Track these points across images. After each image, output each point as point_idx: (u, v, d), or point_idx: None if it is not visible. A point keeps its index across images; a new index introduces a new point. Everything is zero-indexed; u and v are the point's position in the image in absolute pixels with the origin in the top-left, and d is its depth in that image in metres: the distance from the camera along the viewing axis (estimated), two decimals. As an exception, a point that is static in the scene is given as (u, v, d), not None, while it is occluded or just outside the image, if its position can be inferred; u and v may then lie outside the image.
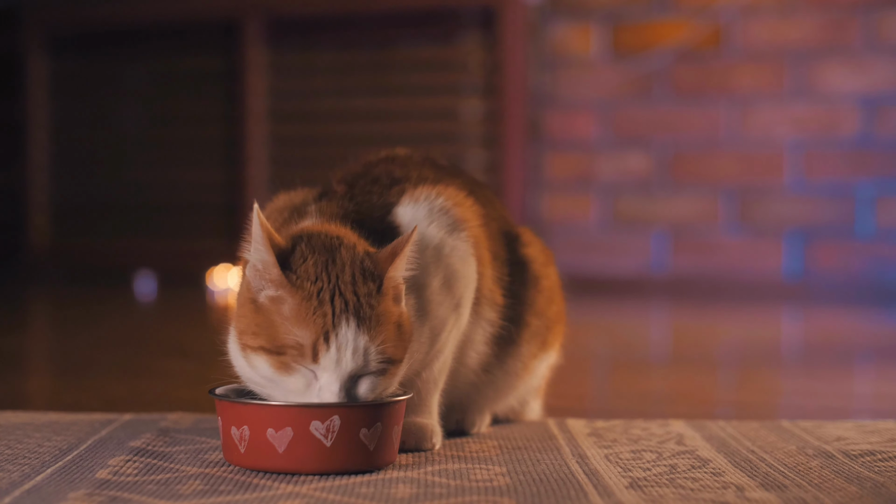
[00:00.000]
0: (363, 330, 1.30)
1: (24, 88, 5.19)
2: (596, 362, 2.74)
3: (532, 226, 1.83)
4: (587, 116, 4.67)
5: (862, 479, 1.33)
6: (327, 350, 1.29)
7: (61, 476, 1.33)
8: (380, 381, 1.33)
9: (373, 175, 1.55)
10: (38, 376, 2.51)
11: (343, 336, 1.29)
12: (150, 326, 3.63)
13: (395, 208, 1.50)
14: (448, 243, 1.50)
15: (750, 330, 3.55)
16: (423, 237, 1.48)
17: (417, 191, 1.51)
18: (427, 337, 1.46)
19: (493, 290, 1.57)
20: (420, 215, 1.49)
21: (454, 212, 1.51)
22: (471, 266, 1.52)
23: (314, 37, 4.93)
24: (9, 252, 5.24)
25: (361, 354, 1.30)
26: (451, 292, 1.49)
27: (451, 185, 1.56)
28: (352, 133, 4.82)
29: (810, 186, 4.45)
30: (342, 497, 1.23)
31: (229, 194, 5.00)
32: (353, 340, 1.30)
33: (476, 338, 1.57)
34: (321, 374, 1.30)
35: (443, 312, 1.47)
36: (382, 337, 1.31)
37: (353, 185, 1.53)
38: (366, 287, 1.32)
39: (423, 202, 1.51)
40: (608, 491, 1.27)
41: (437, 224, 1.50)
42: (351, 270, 1.33)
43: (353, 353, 1.30)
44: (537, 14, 4.69)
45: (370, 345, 1.30)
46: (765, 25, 4.48)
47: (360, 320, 1.30)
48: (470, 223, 1.53)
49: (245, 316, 1.33)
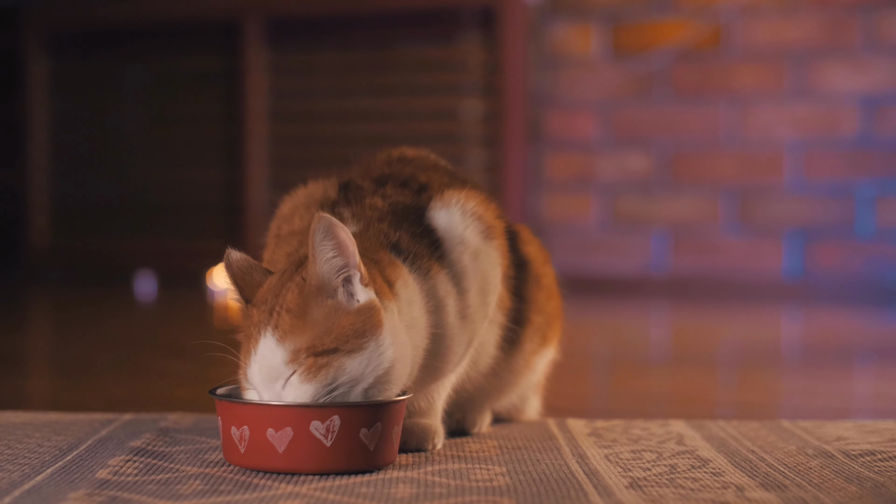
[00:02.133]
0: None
1: (24, 88, 5.19)
2: (596, 362, 2.74)
3: (532, 226, 1.83)
4: (587, 116, 4.67)
5: (862, 479, 1.33)
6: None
7: (61, 476, 1.32)
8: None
9: (402, 177, 1.54)
10: (38, 376, 2.51)
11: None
12: (150, 326, 3.63)
13: (428, 212, 1.49)
14: (483, 250, 1.49)
15: (750, 330, 3.55)
16: (461, 242, 1.47)
17: (447, 195, 1.51)
18: (465, 340, 1.47)
19: (504, 294, 1.58)
20: (455, 220, 1.49)
21: (486, 218, 1.51)
22: (498, 275, 1.52)
23: (314, 37, 4.93)
24: (9, 252, 5.24)
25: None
26: (485, 300, 1.49)
27: (467, 188, 1.55)
28: (352, 133, 4.82)
29: (810, 186, 4.45)
30: (342, 497, 1.23)
31: (229, 194, 5.00)
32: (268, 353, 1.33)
33: (489, 341, 1.58)
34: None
35: (479, 319, 1.48)
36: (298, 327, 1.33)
37: (383, 184, 1.52)
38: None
39: (455, 206, 1.50)
40: (608, 491, 1.27)
41: (472, 229, 1.49)
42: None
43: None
44: (537, 14, 4.69)
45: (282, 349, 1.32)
46: (765, 25, 4.48)
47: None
48: (497, 231, 1.52)
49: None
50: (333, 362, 1.29)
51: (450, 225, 1.48)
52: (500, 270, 1.52)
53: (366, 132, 4.79)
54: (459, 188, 1.52)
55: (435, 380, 1.47)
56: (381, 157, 1.61)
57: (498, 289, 1.53)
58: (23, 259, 5.20)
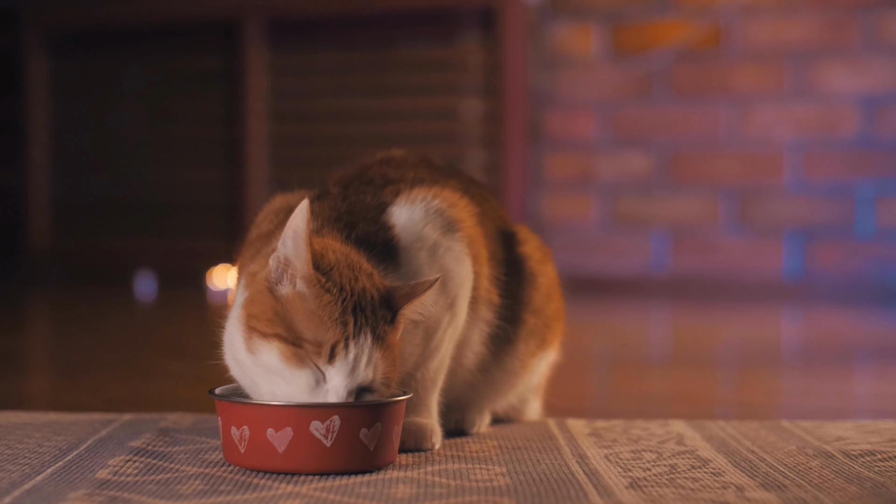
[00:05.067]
0: (377, 346, 1.32)
1: (24, 88, 5.19)
2: (596, 362, 2.74)
3: (532, 226, 1.82)
4: (587, 116, 4.67)
5: (862, 479, 1.33)
6: (345, 355, 1.30)
7: (61, 476, 1.32)
8: (374, 397, 1.35)
9: (367, 176, 1.56)
10: (38, 376, 2.51)
11: (361, 346, 1.31)
12: (150, 326, 3.63)
13: (390, 208, 1.50)
14: (443, 244, 1.50)
15: (750, 330, 3.55)
16: (418, 238, 1.48)
17: (413, 192, 1.52)
18: (421, 337, 1.47)
19: (490, 289, 1.58)
20: (416, 217, 1.50)
21: (449, 213, 1.52)
22: (465, 266, 1.52)
23: (314, 37, 4.93)
24: (9, 252, 5.24)
25: (373, 367, 1.32)
26: (445, 292, 1.49)
27: (447, 186, 1.56)
28: (351, 133, 4.82)
29: (810, 186, 4.45)
30: (342, 497, 1.23)
31: (229, 194, 5.00)
32: (368, 352, 1.32)
33: (473, 338, 1.58)
34: (332, 377, 1.31)
35: (436, 312, 1.47)
36: (389, 360, 1.34)
37: (348, 186, 1.54)
38: (382, 313, 1.35)
39: (420, 203, 1.51)
40: (608, 491, 1.27)
41: (432, 225, 1.50)
42: (371, 294, 1.34)
43: (367, 364, 1.32)
44: (537, 14, 4.69)
45: (380, 362, 1.33)
46: (765, 25, 4.48)
47: (376, 337, 1.33)
48: (465, 223, 1.53)
49: (261, 302, 1.33)
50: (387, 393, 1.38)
51: (410, 222, 1.49)
52: (468, 261, 1.52)
53: (366, 132, 4.79)
54: (430, 185, 1.53)
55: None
56: (364, 161, 1.62)
57: (468, 279, 1.52)
58: (23, 259, 5.20)
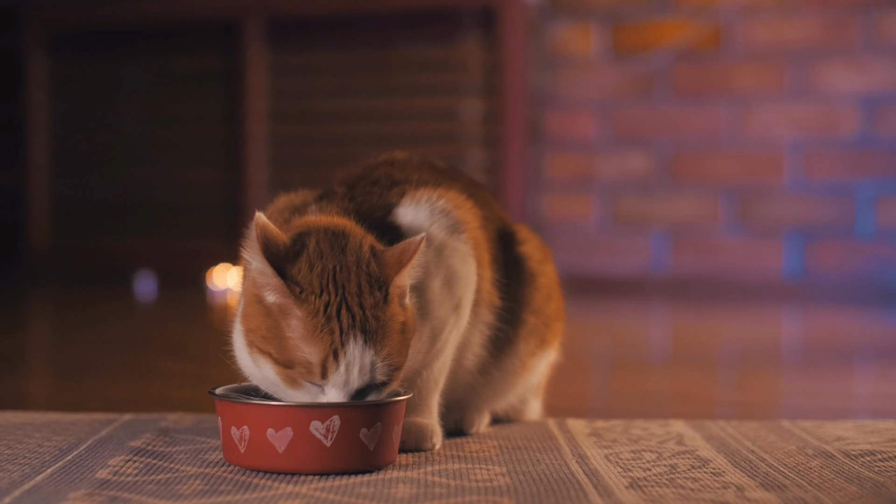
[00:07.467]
0: (370, 346, 1.31)
1: (24, 88, 5.19)
2: (596, 362, 2.74)
3: (532, 226, 1.82)
4: (587, 116, 4.67)
5: (862, 479, 1.33)
6: (336, 369, 1.30)
7: (61, 476, 1.32)
8: (384, 389, 1.34)
9: (373, 177, 1.56)
10: (38, 376, 2.51)
11: (351, 354, 1.30)
12: (150, 326, 3.63)
13: (396, 209, 1.50)
14: (449, 244, 1.50)
15: (750, 330, 3.55)
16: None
17: (419, 193, 1.52)
18: (428, 336, 1.47)
19: (491, 292, 1.58)
20: (422, 217, 1.50)
21: (455, 214, 1.52)
22: (471, 267, 1.52)
23: (314, 37, 4.93)
24: (9, 252, 5.24)
25: (368, 371, 1.31)
26: (452, 293, 1.49)
27: (452, 187, 1.57)
28: (352, 133, 4.82)
29: (810, 186, 4.45)
30: (342, 497, 1.23)
31: (229, 194, 5.00)
32: (360, 358, 1.31)
33: (474, 340, 1.58)
34: (329, 389, 1.31)
35: (443, 313, 1.48)
36: (388, 349, 1.32)
37: (353, 186, 1.54)
38: (372, 297, 1.32)
39: (425, 204, 1.51)
40: (608, 491, 1.27)
41: (437, 225, 1.50)
42: (357, 279, 1.33)
43: (360, 370, 1.31)
44: (537, 14, 4.69)
45: (376, 359, 1.31)
46: (765, 25, 4.48)
47: (367, 335, 1.31)
48: (470, 225, 1.53)
49: (254, 316, 1.33)
50: (402, 374, 1.38)
51: (415, 222, 1.49)
52: (473, 263, 1.52)
53: (366, 132, 4.79)
54: (434, 187, 1.53)
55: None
56: (368, 162, 1.62)
57: (472, 281, 1.52)
58: (23, 259, 5.20)
